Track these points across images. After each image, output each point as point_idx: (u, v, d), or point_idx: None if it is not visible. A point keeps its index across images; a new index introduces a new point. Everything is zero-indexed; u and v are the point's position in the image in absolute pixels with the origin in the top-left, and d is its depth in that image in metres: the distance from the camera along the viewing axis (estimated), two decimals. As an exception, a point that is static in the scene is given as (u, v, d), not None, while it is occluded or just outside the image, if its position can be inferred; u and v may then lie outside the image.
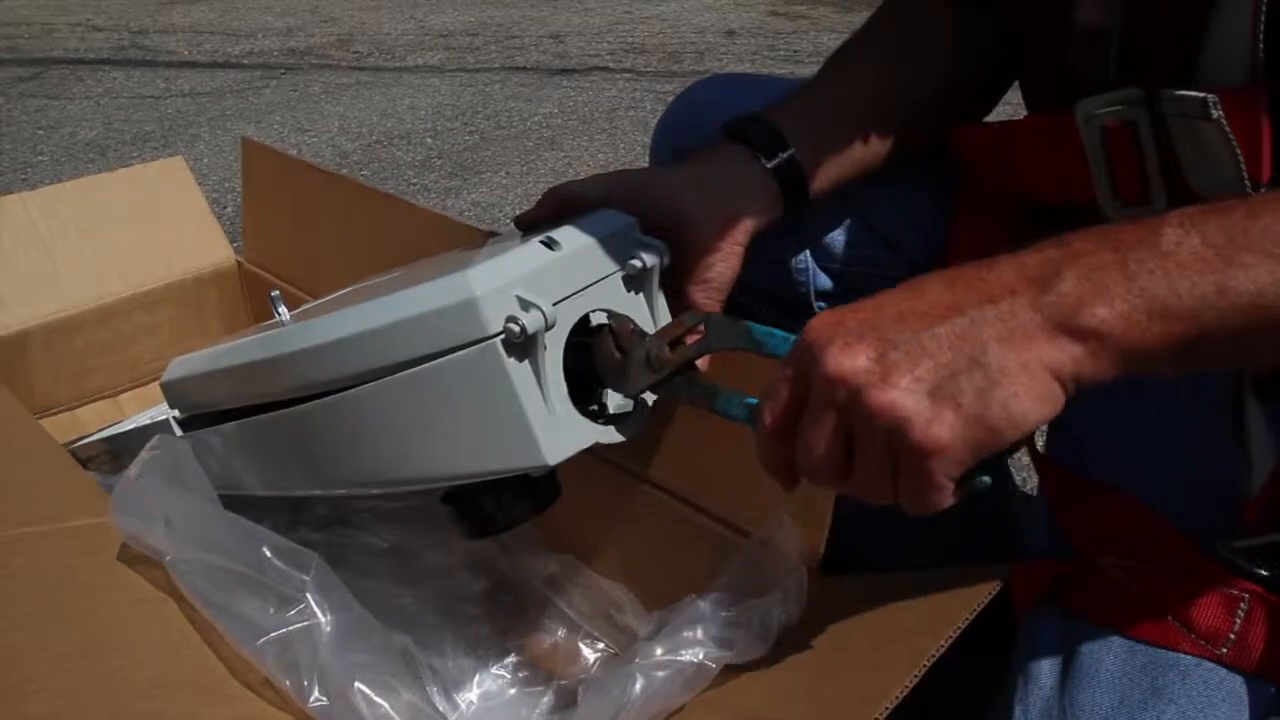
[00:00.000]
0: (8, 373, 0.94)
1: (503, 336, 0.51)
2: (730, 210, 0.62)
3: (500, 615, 0.77)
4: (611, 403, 0.59)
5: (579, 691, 0.54)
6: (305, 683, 0.49)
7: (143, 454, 0.58)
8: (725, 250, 0.61)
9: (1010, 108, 0.70)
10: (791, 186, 0.64)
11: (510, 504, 0.57)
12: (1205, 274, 0.39)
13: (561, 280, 0.54)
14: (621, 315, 0.57)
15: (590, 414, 0.56)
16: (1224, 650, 0.50)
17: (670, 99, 0.80)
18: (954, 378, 0.40)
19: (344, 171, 2.00)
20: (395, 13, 3.73)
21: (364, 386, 0.56)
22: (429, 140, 2.41)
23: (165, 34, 3.47)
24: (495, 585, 0.78)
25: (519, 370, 0.52)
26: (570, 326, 0.55)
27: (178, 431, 0.73)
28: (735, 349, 0.54)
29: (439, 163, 2.27)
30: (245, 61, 3.12)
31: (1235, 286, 0.39)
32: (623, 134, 2.41)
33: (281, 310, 0.70)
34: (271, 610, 0.50)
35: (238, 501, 0.62)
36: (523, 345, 0.51)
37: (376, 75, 2.97)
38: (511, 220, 0.65)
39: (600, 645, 0.75)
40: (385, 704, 0.49)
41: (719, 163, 0.64)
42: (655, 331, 0.58)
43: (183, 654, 0.53)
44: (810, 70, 0.72)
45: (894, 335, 0.42)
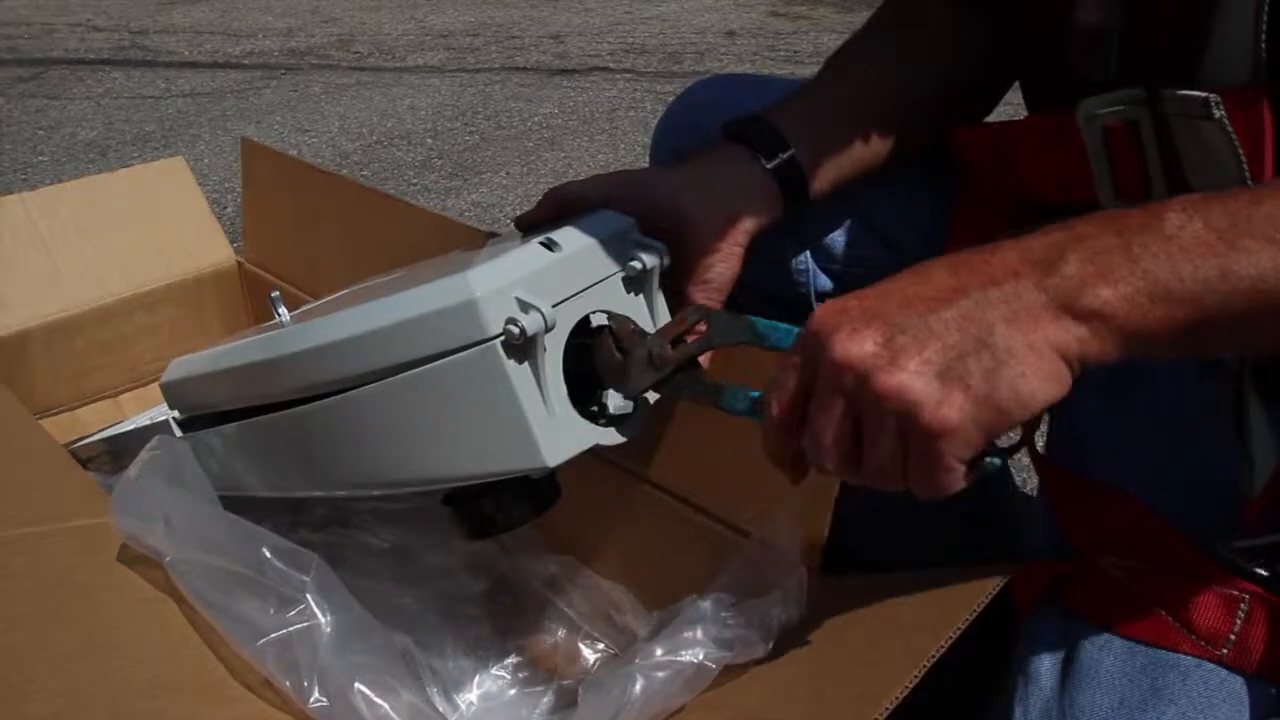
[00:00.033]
0: (8, 373, 0.94)
1: (502, 338, 0.51)
2: (730, 211, 0.62)
3: (500, 616, 0.77)
4: (611, 403, 0.59)
5: (579, 692, 0.54)
6: (305, 683, 0.49)
7: (142, 454, 0.58)
8: (725, 251, 0.61)
9: (1010, 108, 0.70)
10: (791, 187, 0.64)
11: (510, 505, 0.57)
12: (1208, 258, 0.39)
13: (561, 282, 0.54)
14: (621, 316, 0.57)
15: (590, 415, 0.56)
16: (1224, 651, 0.50)
17: (670, 99, 0.80)
18: (962, 359, 0.40)
19: (344, 172, 2.01)
20: (395, 13, 3.73)
21: (364, 388, 0.56)
22: (429, 140, 2.41)
23: (165, 34, 3.47)
24: (495, 586, 0.78)
25: (519, 372, 0.52)
26: (570, 328, 0.55)
27: (177, 432, 0.73)
28: (738, 344, 0.54)
29: (439, 163, 2.27)
30: (246, 62, 3.12)
31: (1237, 271, 0.39)
32: (623, 134, 2.41)
33: (281, 311, 0.70)
34: (271, 611, 0.50)
35: (238, 502, 0.62)
36: (522, 347, 0.51)
37: (377, 75, 2.97)
38: (511, 221, 0.65)
39: (600, 645, 0.75)
40: (385, 705, 0.49)
41: (719, 163, 0.64)
42: (657, 330, 0.58)
43: (183, 654, 0.53)
44: (810, 71, 0.72)
45: (900, 320, 0.42)
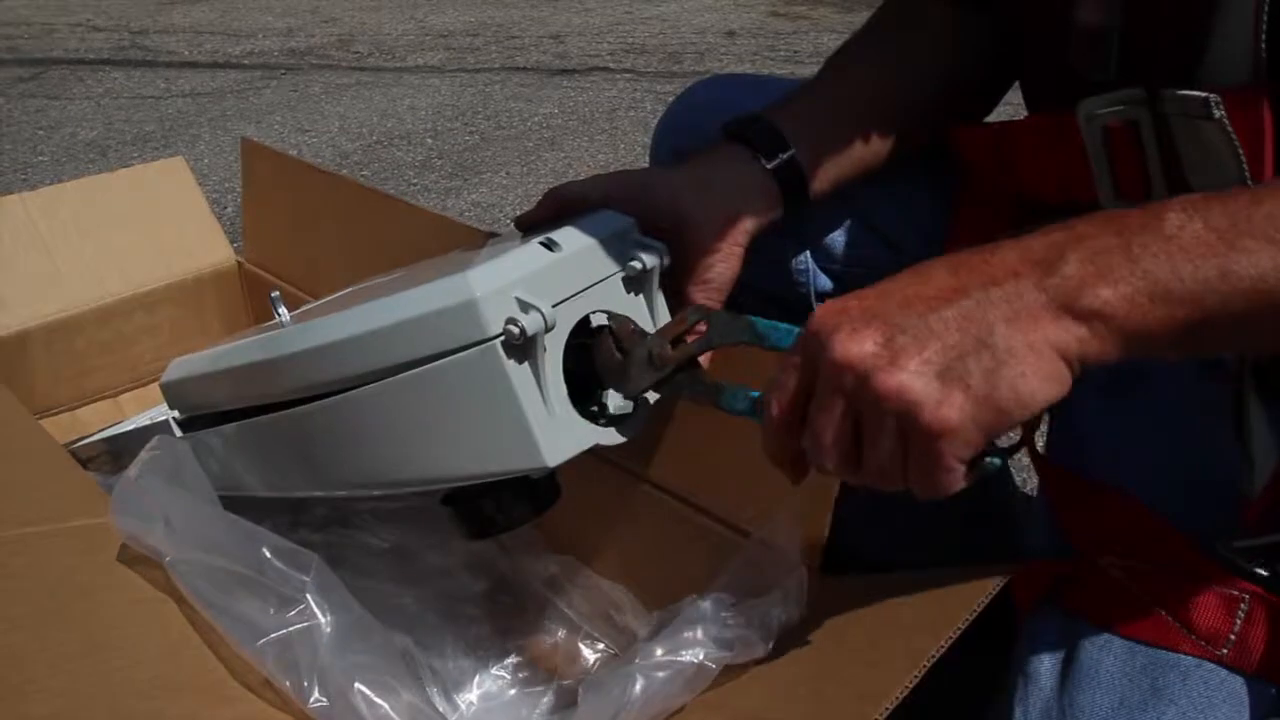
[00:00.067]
0: (8, 373, 0.94)
1: (502, 338, 0.51)
2: (730, 211, 0.62)
3: (500, 616, 0.77)
4: (611, 403, 0.59)
5: (579, 692, 0.54)
6: (305, 683, 0.49)
7: (142, 454, 0.58)
8: (725, 251, 0.61)
9: (1010, 108, 0.70)
10: (791, 187, 0.64)
11: (510, 505, 0.57)
12: (1208, 258, 0.39)
13: (561, 282, 0.54)
14: (621, 316, 0.57)
15: (590, 415, 0.56)
16: (1224, 651, 0.50)
17: (670, 99, 0.80)
18: (962, 359, 0.40)
19: (344, 172, 2.01)
20: (395, 13, 3.73)
21: (364, 388, 0.56)
22: (429, 140, 2.41)
23: (165, 34, 3.47)
24: (495, 586, 0.78)
25: (519, 372, 0.52)
26: (570, 328, 0.55)
27: (178, 432, 0.73)
28: (738, 344, 0.54)
29: (439, 163, 2.27)
30: (246, 62, 3.12)
31: (1237, 271, 0.39)
32: (623, 134, 2.40)
33: (281, 311, 0.70)
34: (271, 611, 0.50)
35: (238, 502, 0.62)
36: (522, 347, 0.51)
37: (377, 75, 2.97)
38: (511, 221, 0.65)
39: (600, 645, 0.75)
40: (385, 705, 0.49)
41: (719, 163, 0.64)
42: (657, 330, 0.58)
43: (183, 655, 0.53)
44: (811, 71, 0.72)
45: (900, 320, 0.42)
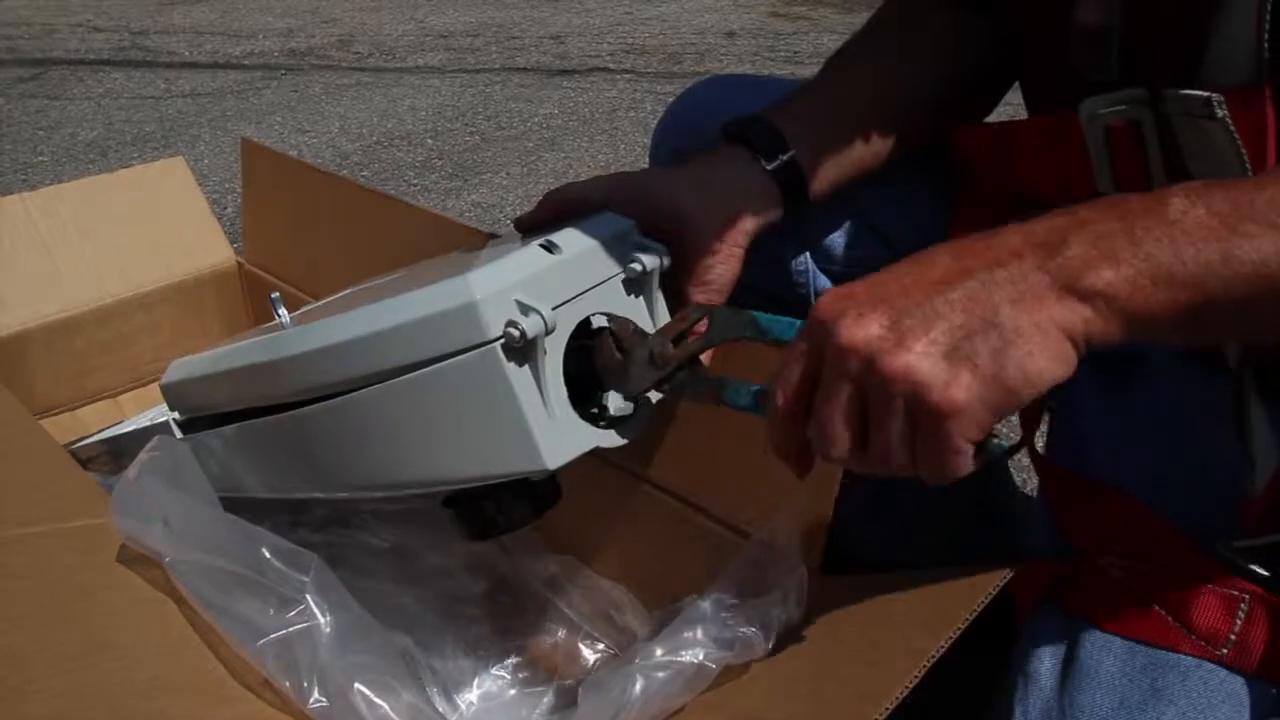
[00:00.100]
0: (8, 373, 0.94)
1: (502, 341, 0.51)
2: (730, 212, 0.62)
3: (500, 616, 0.77)
4: (612, 405, 0.59)
5: (579, 692, 0.54)
6: (305, 684, 0.49)
7: (142, 455, 0.58)
8: (725, 252, 0.61)
9: (1010, 108, 0.70)
10: (791, 188, 0.64)
11: (511, 507, 0.57)
12: (1210, 242, 0.39)
13: (561, 284, 0.54)
14: (622, 317, 0.57)
15: (591, 417, 0.56)
16: (1224, 651, 0.50)
17: (670, 100, 0.80)
18: (969, 339, 0.40)
19: (344, 172, 2.01)
20: (396, 13, 3.73)
21: (364, 391, 0.56)
22: (429, 141, 2.41)
23: (166, 35, 3.47)
24: (495, 586, 0.78)
25: (519, 375, 0.52)
26: (570, 330, 0.55)
27: (178, 434, 0.73)
28: (740, 339, 0.54)
29: (439, 163, 2.27)
30: (246, 62, 3.12)
31: (1240, 255, 0.39)
32: (623, 135, 2.41)
33: (281, 312, 0.70)
34: (271, 611, 0.50)
35: (238, 503, 0.62)
36: (522, 350, 0.51)
37: (377, 76, 2.97)
38: (511, 221, 0.65)
39: (600, 645, 0.75)
40: (385, 705, 0.49)
41: (719, 164, 0.64)
42: (658, 329, 0.58)
43: (183, 655, 0.53)
44: (811, 71, 0.72)
45: (905, 303, 0.42)
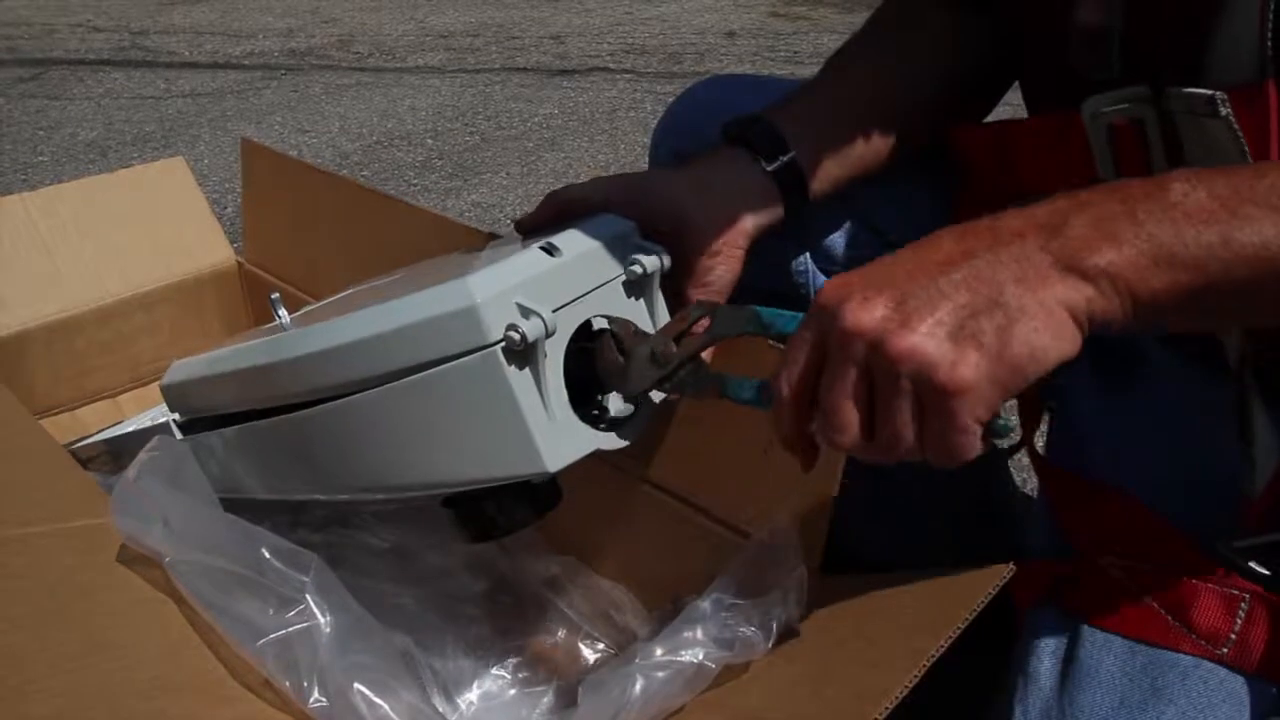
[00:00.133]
0: (8, 373, 0.94)
1: (503, 344, 0.51)
2: (731, 213, 0.62)
3: (500, 616, 0.77)
4: (613, 407, 0.59)
5: (579, 692, 0.54)
6: (305, 684, 0.49)
7: (141, 455, 0.58)
8: (726, 253, 0.61)
9: (1010, 108, 0.70)
10: (792, 189, 0.64)
11: (511, 509, 0.57)
12: (1211, 224, 0.39)
13: (562, 286, 0.54)
14: (622, 319, 0.57)
15: (591, 420, 0.56)
16: (1225, 650, 0.51)
17: (670, 100, 0.80)
18: (974, 318, 0.40)
19: (344, 172, 2.01)
20: (396, 13, 3.73)
21: (365, 393, 0.55)
22: (429, 141, 2.41)
23: (166, 35, 3.47)
24: (495, 586, 0.78)
25: (519, 378, 0.52)
26: (571, 333, 0.55)
27: (178, 435, 0.73)
28: (742, 334, 0.54)
29: (439, 163, 2.27)
30: (246, 62, 3.12)
31: (1240, 238, 0.39)
32: (623, 135, 2.41)
33: (282, 313, 0.70)
34: (271, 611, 0.50)
35: (238, 504, 0.62)
36: (523, 353, 0.51)
37: (377, 76, 2.97)
38: (512, 221, 0.65)
39: (600, 645, 0.75)
40: (385, 705, 0.49)
41: (719, 166, 0.64)
42: (659, 329, 0.58)
43: (183, 655, 0.53)
44: (811, 71, 0.72)
45: (909, 286, 0.42)
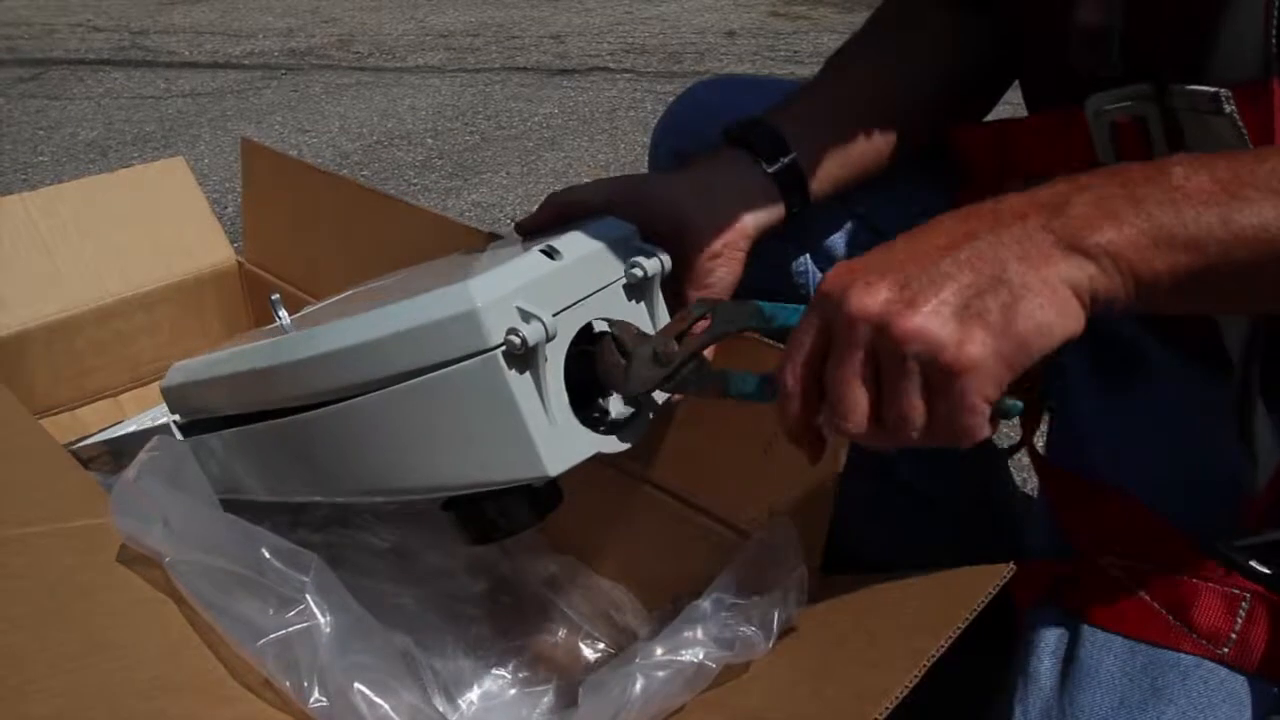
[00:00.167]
0: (8, 373, 0.94)
1: (503, 348, 0.51)
2: (732, 215, 0.62)
3: (500, 616, 0.77)
4: (614, 409, 0.58)
5: (579, 691, 0.54)
6: (305, 684, 0.49)
7: (141, 455, 0.58)
8: (727, 255, 0.61)
9: (1010, 108, 0.70)
10: (792, 190, 0.64)
11: (512, 511, 0.57)
12: (1211, 206, 0.40)
13: (562, 290, 0.54)
14: (623, 321, 0.56)
15: (592, 423, 0.56)
16: (1225, 650, 0.51)
17: (670, 99, 0.80)
18: (979, 297, 0.40)
19: (344, 172, 2.01)
20: (396, 13, 3.73)
21: (365, 396, 0.55)
22: (429, 140, 2.41)
23: (166, 34, 3.47)
24: (496, 586, 0.78)
25: (520, 382, 0.52)
26: (572, 336, 0.55)
27: (178, 436, 0.72)
28: (745, 330, 0.54)
29: (439, 163, 2.27)
30: (246, 62, 3.12)
31: (1239, 220, 0.39)
32: (623, 134, 2.41)
33: (282, 314, 0.70)
34: (271, 611, 0.50)
35: (238, 504, 0.62)
36: (523, 357, 0.51)
37: (377, 76, 2.97)
38: (512, 221, 0.65)
39: (600, 645, 0.75)
40: (385, 705, 0.49)
41: (720, 167, 0.63)
42: (660, 329, 0.58)
43: (183, 655, 0.53)
44: (811, 71, 0.72)
45: (913, 268, 0.42)
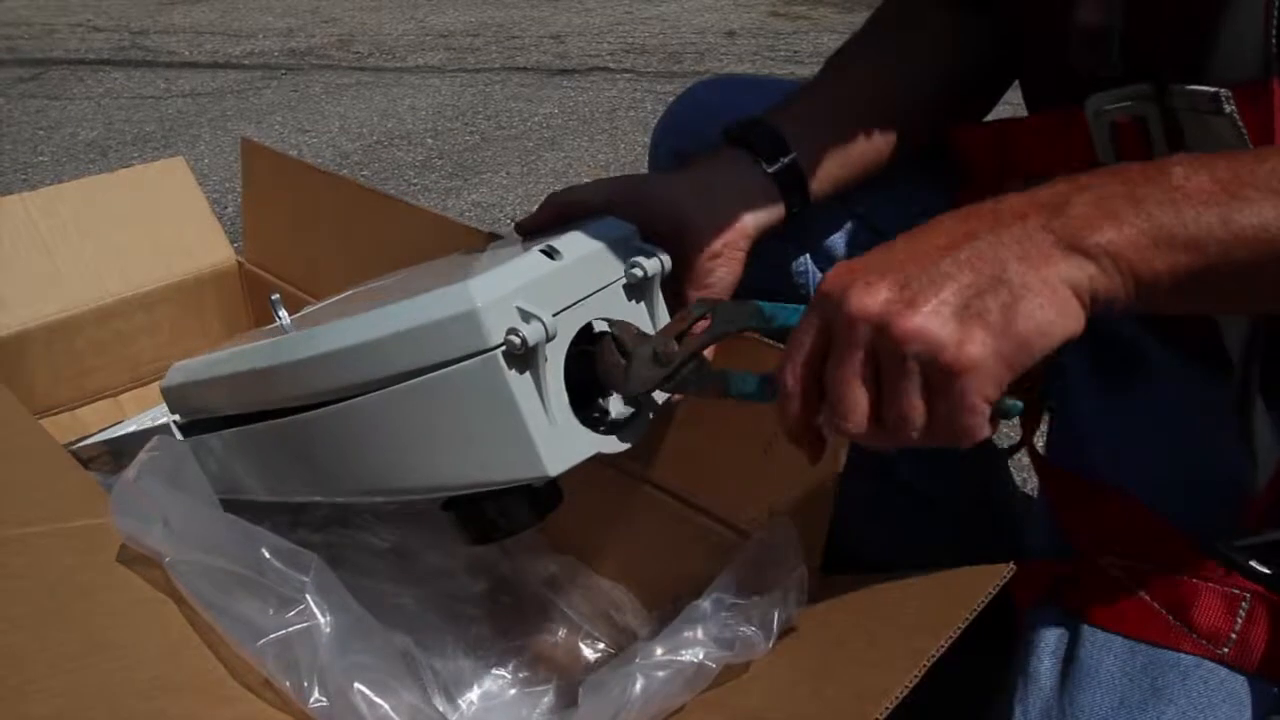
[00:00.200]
0: (8, 373, 0.94)
1: (503, 348, 0.51)
2: (732, 215, 0.62)
3: (500, 616, 0.77)
4: (614, 409, 0.58)
5: (579, 692, 0.54)
6: (305, 684, 0.49)
7: (141, 455, 0.58)
8: (727, 255, 0.61)
9: (1010, 108, 0.70)
10: (792, 190, 0.64)
11: (512, 511, 0.57)
12: (1211, 206, 0.40)
13: (562, 290, 0.54)
14: (623, 321, 0.56)
15: (592, 423, 0.56)
16: (1225, 650, 0.51)
17: (670, 99, 0.80)
18: (979, 297, 0.40)
19: (344, 172, 2.01)
20: (396, 13, 3.73)
21: (365, 396, 0.55)
22: (429, 140, 2.41)
23: (166, 34, 3.47)
24: (496, 586, 0.78)
25: (520, 382, 0.51)
26: (572, 336, 0.55)
27: (178, 436, 0.72)
28: (745, 329, 0.54)
29: (439, 163, 2.27)
30: (246, 62, 3.12)
31: (1239, 220, 0.39)
32: (623, 134, 2.41)
33: (282, 314, 0.70)
34: (271, 611, 0.50)
35: (238, 503, 0.62)
36: (523, 357, 0.51)
37: (377, 76, 2.97)
38: (512, 221, 0.65)
39: (600, 645, 0.75)
40: (385, 704, 0.49)
41: (720, 167, 0.63)
42: (660, 329, 0.58)
43: (183, 655, 0.53)
44: (811, 71, 0.72)
45: (913, 269, 0.42)
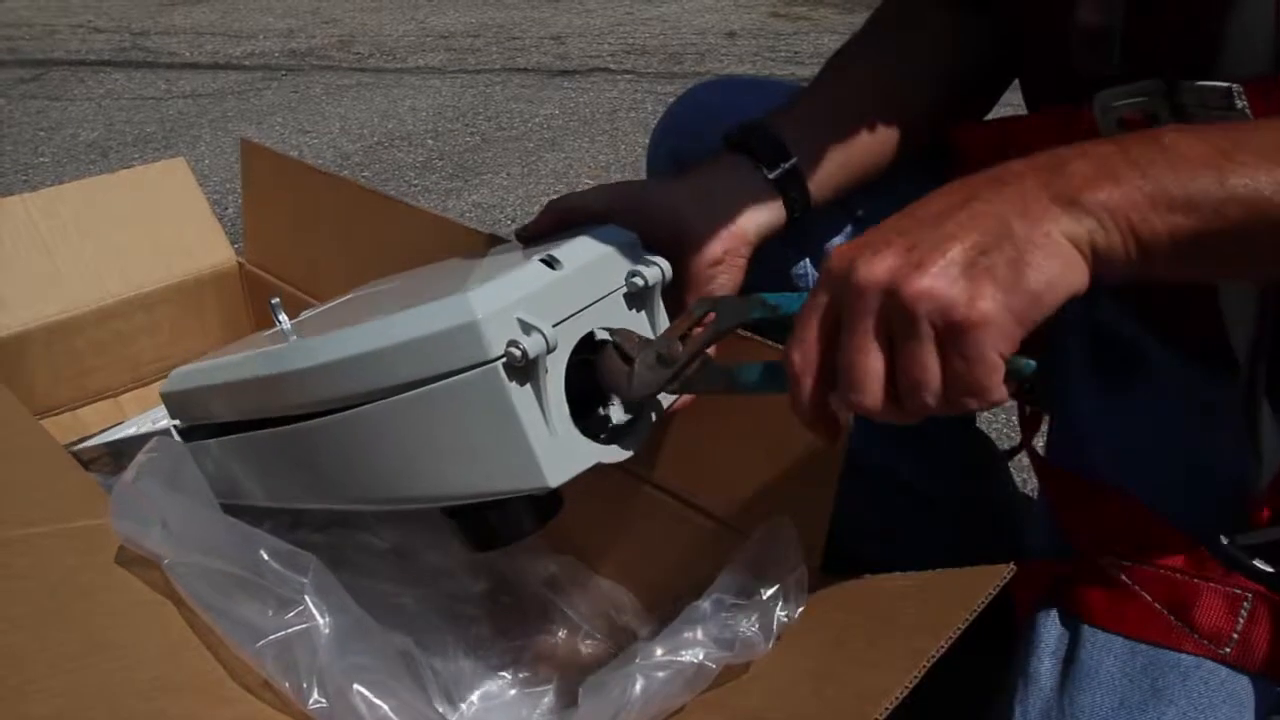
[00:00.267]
0: (8, 373, 0.94)
1: (504, 360, 0.50)
2: (733, 222, 0.61)
3: (500, 616, 0.77)
4: (615, 416, 0.58)
5: (579, 692, 0.54)
6: (304, 685, 0.49)
7: (140, 457, 0.58)
8: (728, 261, 0.61)
9: (1010, 108, 0.70)
10: (793, 195, 0.64)
11: (514, 519, 0.57)
12: (1207, 169, 0.40)
13: (563, 300, 0.54)
14: (624, 330, 0.56)
15: (593, 432, 0.56)
16: (1227, 650, 0.51)
17: (671, 100, 0.80)
18: (985, 254, 0.41)
19: (345, 173, 2.01)
20: (396, 14, 3.73)
21: (366, 406, 0.55)
22: (430, 141, 2.41)
23: (166, 35, 3.47)
24: (495, 586, 0.78)
25: (520, 394, 0.51)
26: (572, 346, 0.54)
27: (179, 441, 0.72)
28: (750, 322, 0.54)
29: (440, 164, 2.27)
30: (246, 63, 3.12)
31: (1234, 182, 0.40)
32: (624, 135, 2.41)
33: (282, 318, 0.70)
34: (270, 613, 0.50)
35: (238, 507, 0.62)
36: (524, 369, 0.51)
37: (378, 76, 2.97)
38: (512, 223, 0.65)
39: (600, 645, 0.75)
40: (385, 705, 0.49)
41: (720, 173, 0.63)
42: (663, 330, 0.58)
43: (183, 656, 0.53)
44: (811, 71, 0.72)
45: (917, 233, 0.42)
